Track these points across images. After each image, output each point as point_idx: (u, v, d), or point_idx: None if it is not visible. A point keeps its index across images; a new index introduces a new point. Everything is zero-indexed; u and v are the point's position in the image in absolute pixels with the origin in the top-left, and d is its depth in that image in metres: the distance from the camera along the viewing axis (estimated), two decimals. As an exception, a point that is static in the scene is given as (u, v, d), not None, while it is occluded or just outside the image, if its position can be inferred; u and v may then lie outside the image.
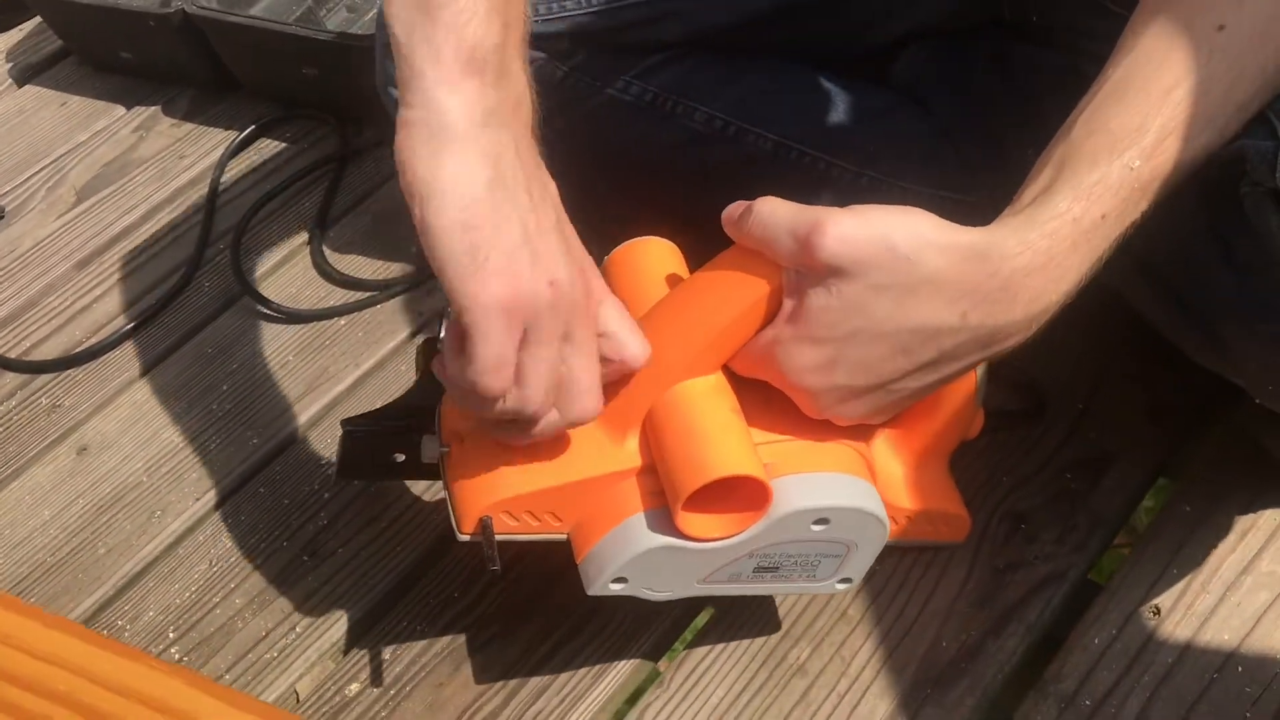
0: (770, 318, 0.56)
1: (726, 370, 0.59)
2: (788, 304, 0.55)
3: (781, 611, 0.71)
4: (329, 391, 0.88)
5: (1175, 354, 0.67)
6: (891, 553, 0.71)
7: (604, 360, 0.54)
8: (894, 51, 0.85)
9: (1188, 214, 0.57)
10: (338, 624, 0.74)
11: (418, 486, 0.79)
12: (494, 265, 0.48)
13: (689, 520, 0.55)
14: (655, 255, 0.65)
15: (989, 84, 0.82)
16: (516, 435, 0.54)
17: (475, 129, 0.48)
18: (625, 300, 0.58)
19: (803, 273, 0.54)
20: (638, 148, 0.79)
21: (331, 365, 0.89)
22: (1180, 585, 0.69)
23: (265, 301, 0.94)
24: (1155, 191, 0.52)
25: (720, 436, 0.56)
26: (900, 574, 0.71)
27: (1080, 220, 0.52)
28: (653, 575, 0.58)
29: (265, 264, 0.98)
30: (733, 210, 0.56)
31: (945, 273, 0.52)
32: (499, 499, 0.57)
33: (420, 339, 0.90)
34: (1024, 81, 0.78)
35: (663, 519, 0.56)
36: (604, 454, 0.57)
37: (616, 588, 0.58)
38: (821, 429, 0.59)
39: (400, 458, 0.63)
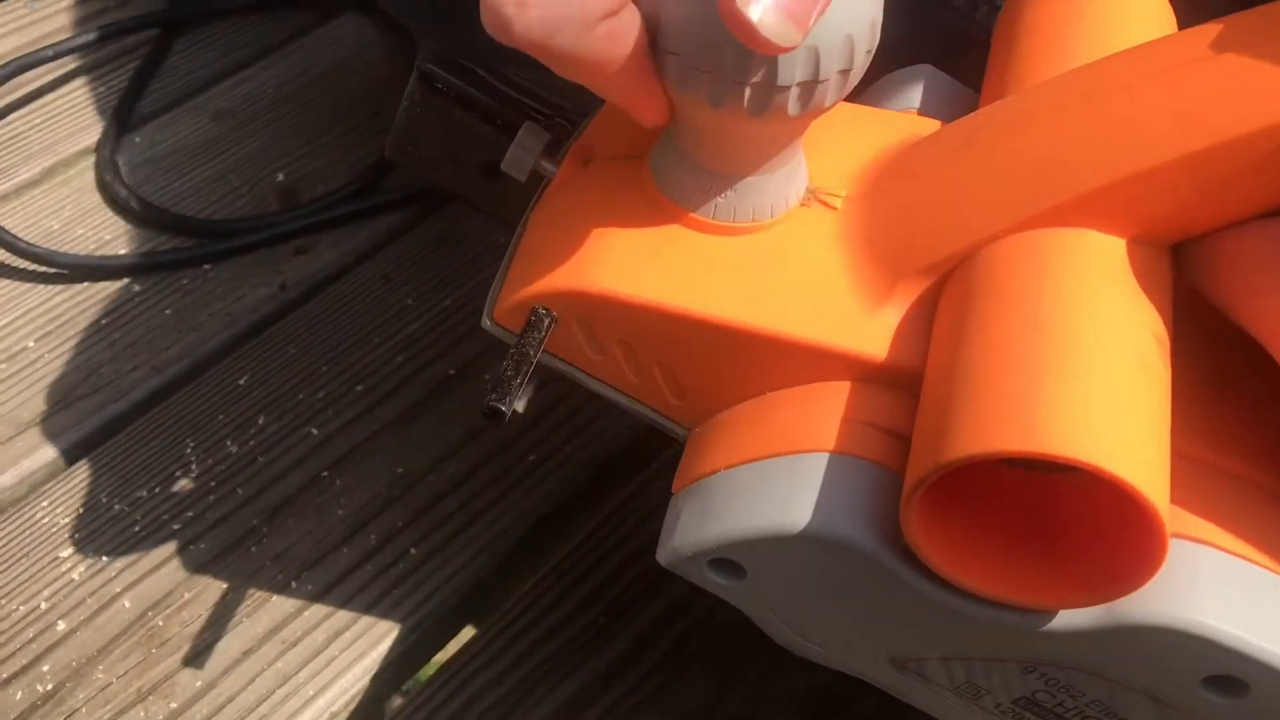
0: None
1: (1189, 289, 0.27)
2: None
3: None
4: (103, 412, 0.49)
5: None
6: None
7: None
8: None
9: None
10: None
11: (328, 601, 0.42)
12: None
13: (929, 528, 0.24)
14: None
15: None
16: None
17: None
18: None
19: None
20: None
21: (108, 365, 0.51)
22: None
23: (6, 235, 0.54)
24: None
25: (1089, 373, 0.24)
26: None
27: None
28: (802, 594, 0.27)
29: (8, 179, 0.59)
30: None
31: None
32: (590, 289, 0.29)
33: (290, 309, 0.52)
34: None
35: (882, 492, 0.26)
36: (819, 309, 0.28)
37: (716, 577, 0.28)
38: None
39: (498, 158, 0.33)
